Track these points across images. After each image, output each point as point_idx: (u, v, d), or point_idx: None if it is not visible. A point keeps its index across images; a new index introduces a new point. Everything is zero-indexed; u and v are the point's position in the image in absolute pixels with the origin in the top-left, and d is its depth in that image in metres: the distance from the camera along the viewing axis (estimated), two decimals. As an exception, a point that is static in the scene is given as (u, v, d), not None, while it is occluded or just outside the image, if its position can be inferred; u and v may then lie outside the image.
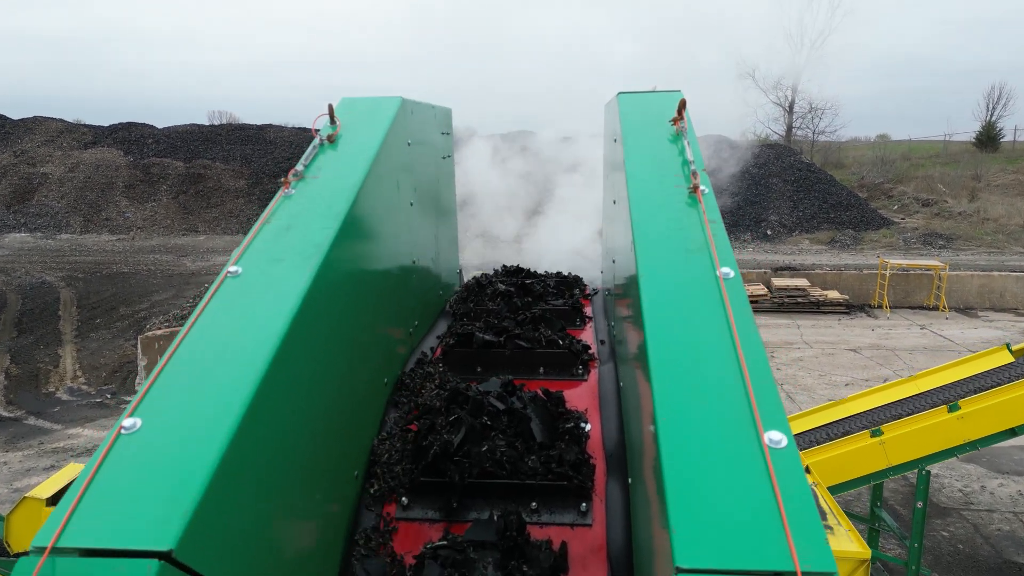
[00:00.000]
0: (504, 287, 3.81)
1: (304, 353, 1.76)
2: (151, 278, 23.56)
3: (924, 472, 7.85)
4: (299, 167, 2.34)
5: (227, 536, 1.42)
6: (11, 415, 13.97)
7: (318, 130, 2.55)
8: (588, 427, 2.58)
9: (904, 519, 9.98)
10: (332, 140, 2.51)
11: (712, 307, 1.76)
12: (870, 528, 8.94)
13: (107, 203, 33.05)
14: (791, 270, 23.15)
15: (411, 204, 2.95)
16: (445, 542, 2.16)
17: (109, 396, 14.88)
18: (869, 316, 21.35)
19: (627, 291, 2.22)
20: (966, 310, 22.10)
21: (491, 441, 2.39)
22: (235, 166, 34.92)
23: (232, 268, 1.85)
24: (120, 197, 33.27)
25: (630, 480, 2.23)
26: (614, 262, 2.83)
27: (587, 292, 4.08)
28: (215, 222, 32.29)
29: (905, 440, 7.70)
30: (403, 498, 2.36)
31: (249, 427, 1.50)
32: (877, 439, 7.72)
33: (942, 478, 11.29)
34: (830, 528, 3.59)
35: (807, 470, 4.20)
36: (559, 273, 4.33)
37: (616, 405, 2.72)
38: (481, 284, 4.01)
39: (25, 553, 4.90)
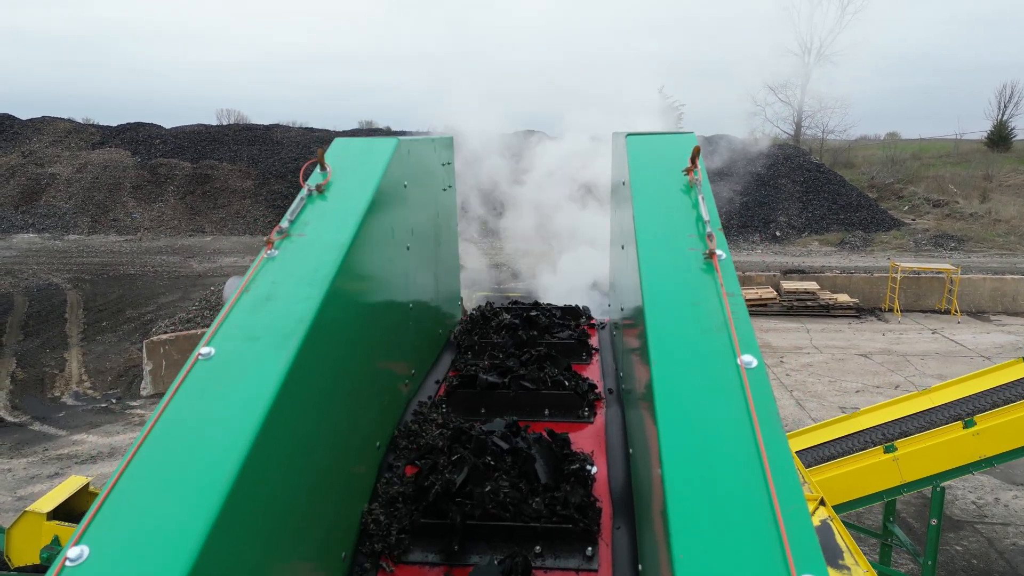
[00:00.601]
0: (509, 319, 3.77)
1: (282, 444, 1.62)
2: (158, 280, 23.55)
3: (939, 489, 7.69)
4: (284, 223, 2.16)
5: None
6: (16, 420, 13.94)
7: (307, 179, 2.39)
8: (595, 470, 2.52)
9: (917, 533, 9.82)
10: (321, 190, 2.35)
11: (733, 405, 1.57)
12: (882, 544, 8.79)
13: (114, 204, 33.09)
14: (800, 273, 22.95)
15: (407, 248, 2.82)
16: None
17: (115, 401, 14.83)
18: (880, 320, 21.14)
19: (638, 364, 2.06)
20: (978, 314, 21.86)
21: (494, 482, 2.32)
22: (242, 166, 34.92)
23: (204, 350, 1.66)
24: (127, 198, 33.31)
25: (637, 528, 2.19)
26: (622, 309, 2.69)
27: (593, 322, 3.97)
28: (222, 223, 32.29)
29: (919, 456, 7.55)
30: (404, 538, 2.28)
31: (218, 544, 1.34)
32: (891, 455, 7.58)
33: (955, 490, 11.11)
34: (847, 568, 3.45)
35: (822, 502, 4.06)
36: (566, 306, 4.27)
37: (623, 449, 2.65)
38: (486, 316, 3.94)
39: (25, 568, 4.68)
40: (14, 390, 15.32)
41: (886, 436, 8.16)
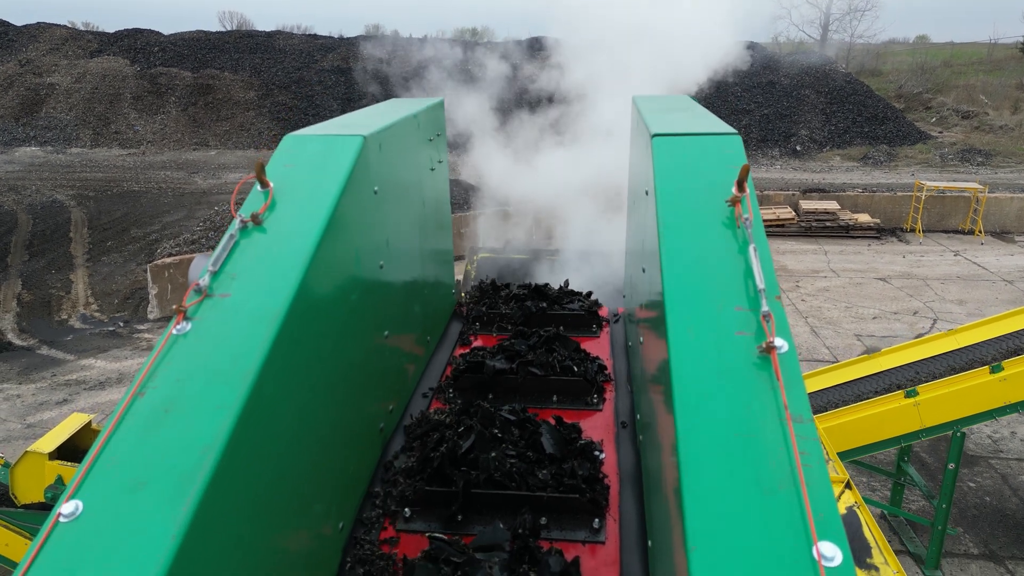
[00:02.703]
0: (519, 290, 3.68)
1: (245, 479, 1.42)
2: (162, 197, 23.15)
3: (959, 434, 7.46)
4: (203, 276, 1.59)
5: None
6: (24, 344, 13.90)
7: (239, 205, 1.81)
8: (603, 456, 2.48)
9: (930, 468, 9.68)
10: (258, 222, 1.77)
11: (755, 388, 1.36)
12: (895, 483, 8.66)
13: (116, 115, 32.27)
14: (821, 191, 22.19)
15: (380, 267, 2.33)
16: (443, 536, 2.10)
17: (122, 325, 14.75)
18: (900, 241, 20.55)
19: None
20: (1002, 234, 21.20)
21: (500, 451, 2.31)
22: (244, 76, 33.77)
23: (65, 508, 1.28)
24: (128, 109, 32.45)
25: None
26: (641, 340, 2.27)
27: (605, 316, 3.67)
28: (226, 136, 31.51)
29: (942, 401, 7.28)
30: (405, 509, 2.26)
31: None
32: (912, 400, 7.31)
33: (971, 424, 10.90)
34: (875, 569, 3.19)
35: (848, 485, 3.78)
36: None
37: (632, 434, 2.62)
38: (496, 286, 3.82)
39: (31, 505, 4.67)
40: (21, 313, 15.25)
41: (907, 379, 7.88)
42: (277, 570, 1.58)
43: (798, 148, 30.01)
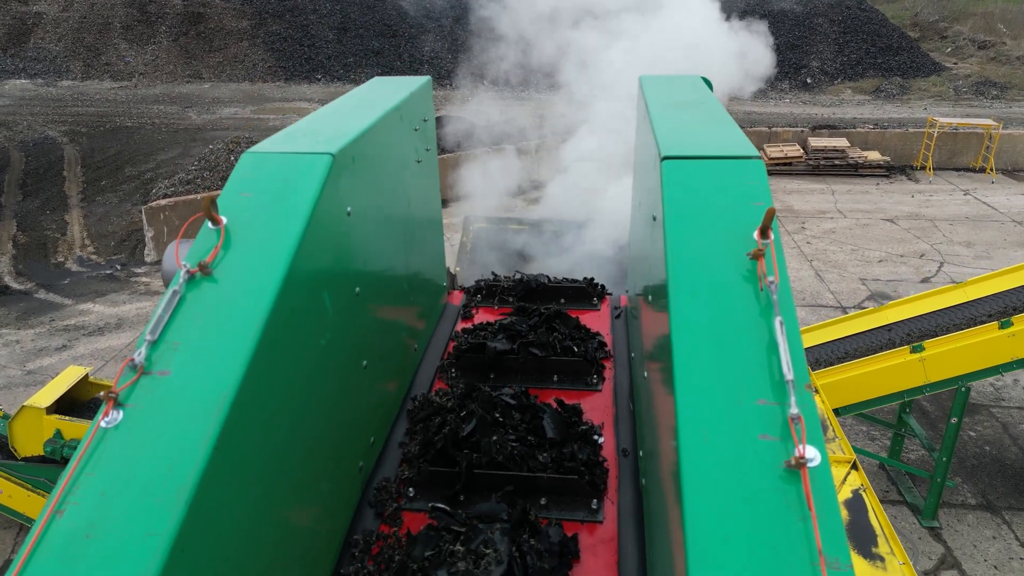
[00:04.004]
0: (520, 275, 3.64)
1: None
2: (156, 133, 22.65)
3: (963, 389, 7.38)
4: (138, 351, 1.34)
5: None
6: (21, 287, 13.78)
7: (184, 253, 1.54)
8: (602, 440, 2.55)
9: (930, 417, 9.67)
10: (207, 272, 1.50)
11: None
12: (895, 434, 8.64)
13: (106, 46, 31.30)
14: (831, 128, 21.62)
15: (356, 293, 2.08)
16: (444, 506, 2.18)
17: (119, 268, 14.59)
18: (910, 180, 20.13)
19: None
20: (1014, 172, 20.75)
21: (502, 435, 2.37)
22: (236, 4, 32.57)
23: None
24: (118, 39, 31.45)
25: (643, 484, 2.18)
26: (646, 375, 2.10)
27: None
28: (219, 68, 30.62)
29: (948, 357, 7.17)
30: (409, 489, 2.33)
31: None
32: (917, 355, 7.21)
33: (974, 371, 10.84)
34: (880, 560, 3.11)
35: (854, 466, 3.68)
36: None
37: (631, 415, 2.68)
38: (491, 291, 3.70)
39: (30, 458, 4.70)
40: (17, 255, 15.08)
41: (912, 333, 7.76)
42: None
43: (808, 81, 29.16)
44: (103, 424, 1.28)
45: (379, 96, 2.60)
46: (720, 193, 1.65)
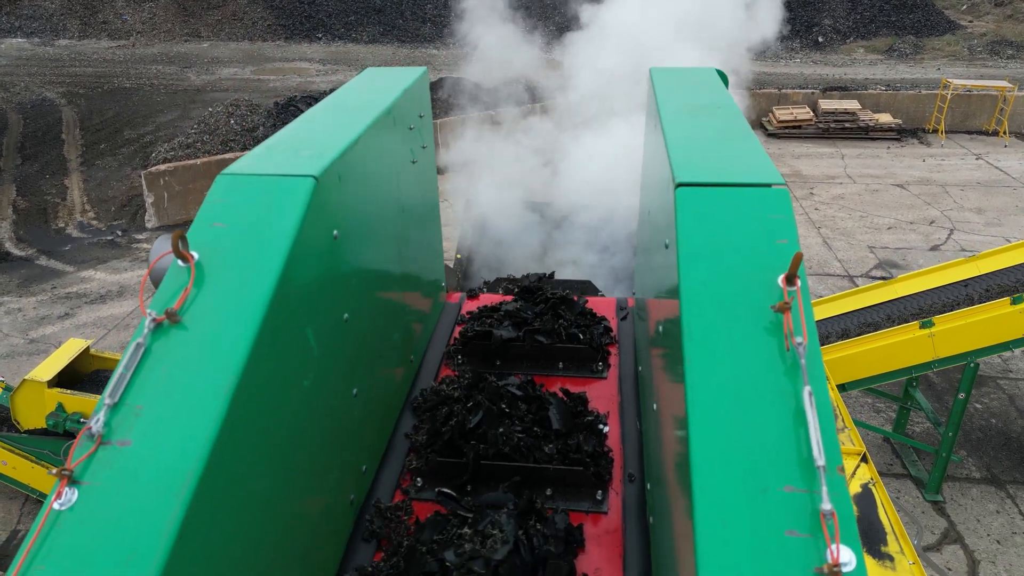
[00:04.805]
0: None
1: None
2: (155, 95, 22.30)
3: (972, 364, 7.28)
4: (95, 418, 1.19)
5: None
6: (23, 254, 13.69)
7: (150, 301, 1.37)
8: (607, 428, 2.59)
9: (937, 389, 9.59)
10: (174, 319, 1.34)
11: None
12: (901, 407, 8.58)
13: (103, 4, 30.67)
14: (842, 90, 21.16)
15: (345, 319, 1.90)
16: (451, 491, 2.24)
17: (120, 234, 14.47)
18: (921, 143, 19.76)
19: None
20: (1028, 136, 20.34)
21: (508, 426, 2.40)
22: (235, -41, 31.78)
23: None
24: (115, -4, 30.81)
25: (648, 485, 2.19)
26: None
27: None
28: (218, 26, 30.01)
29: (958, 333, 7.07)
30: (417, 479, 2.37)
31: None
32: (927, 331, 7.10)
33: (982, 342, 10.73)
34: (889, 559, 3.05)
35: (864, 459, 3.60)
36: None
37: (636, 406, 2.71)
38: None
39: (33, 431, 4.73)
40: (17, 220, 14.96)
41: (922, 308, 7.64)
42: None
43: (820, 39, 28.48)
44: (56, 506, 1.14)
45: (370, 96, 2.43)
46: (741, 228, 1.50)
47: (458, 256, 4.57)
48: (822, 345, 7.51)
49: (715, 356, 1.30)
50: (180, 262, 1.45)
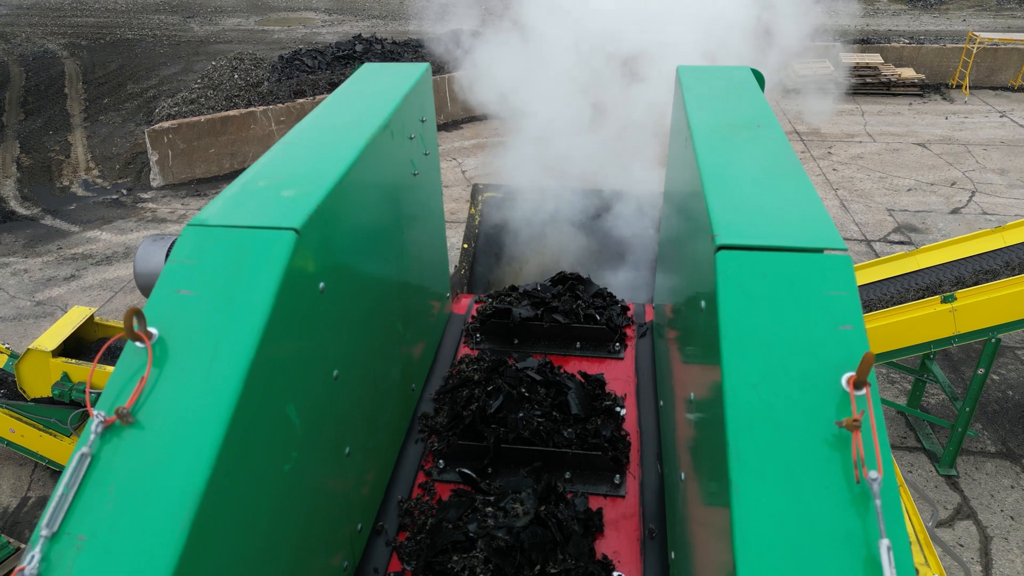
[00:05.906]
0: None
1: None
2: (157, 46, 21.83)
3: (993, 340, 7.08)
4: (29, 561, 0.98)
5: None
6: (28, 213, 13.56)
7: (96, 399, 1.16)
8: (623, 411, 2.62)
9: (953, 360, 9.42)
10: (128, 420, 1.12)
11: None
12: (916, 380, 8.42)
13: (103, -50, 29.88)
14: (865, 43, 20.45)
15: (336, 377, 1.68)
16: (471, 472, 2.28)
17: (125, 192, 14.28)
18: (944, 100, 19.15)
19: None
20: (1056, 91, 19.68)
21: (528, 411, 2.43)
22: (237, -97, 30.78)
23: None
24: (116, -58, 29.98)
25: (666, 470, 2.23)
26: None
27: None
28: (222, -26, 29.23)
29: (980, 308, 6.85)
30: (439, 461, 2.41)
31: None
32: (948, 305, 6.89)
33: (1001, 310, 10.50)
34: (915, 572, 2.92)
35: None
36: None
37: (652, 388, 2.74)
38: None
39: (40, 399, 4.75)
40: (21, 178, 14.80)
41: (944, 280, 7.41)
42: None
43: (842, -12, 27.45)
44: None
45: (366, 105, 2.16)
46: (795, 306, 1.25)
47: (464, 245, 4.36)
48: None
49: (767, 487, 1.08)
50: (137, 344, 1.23)
